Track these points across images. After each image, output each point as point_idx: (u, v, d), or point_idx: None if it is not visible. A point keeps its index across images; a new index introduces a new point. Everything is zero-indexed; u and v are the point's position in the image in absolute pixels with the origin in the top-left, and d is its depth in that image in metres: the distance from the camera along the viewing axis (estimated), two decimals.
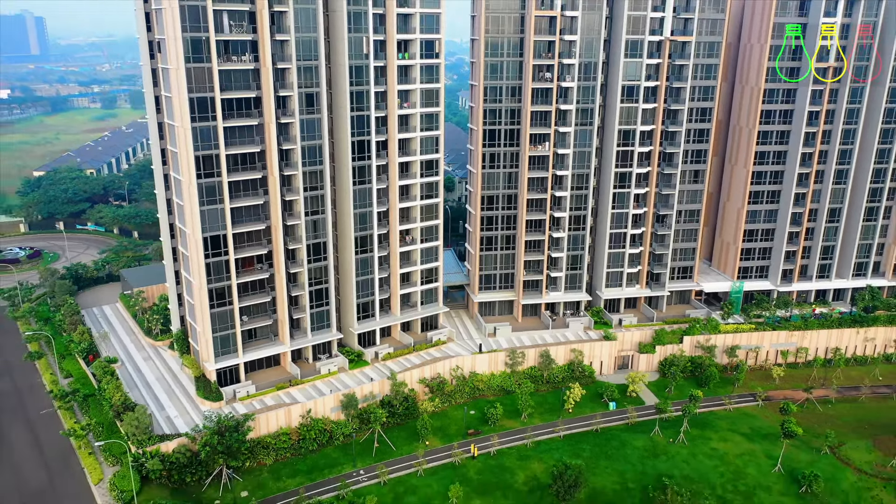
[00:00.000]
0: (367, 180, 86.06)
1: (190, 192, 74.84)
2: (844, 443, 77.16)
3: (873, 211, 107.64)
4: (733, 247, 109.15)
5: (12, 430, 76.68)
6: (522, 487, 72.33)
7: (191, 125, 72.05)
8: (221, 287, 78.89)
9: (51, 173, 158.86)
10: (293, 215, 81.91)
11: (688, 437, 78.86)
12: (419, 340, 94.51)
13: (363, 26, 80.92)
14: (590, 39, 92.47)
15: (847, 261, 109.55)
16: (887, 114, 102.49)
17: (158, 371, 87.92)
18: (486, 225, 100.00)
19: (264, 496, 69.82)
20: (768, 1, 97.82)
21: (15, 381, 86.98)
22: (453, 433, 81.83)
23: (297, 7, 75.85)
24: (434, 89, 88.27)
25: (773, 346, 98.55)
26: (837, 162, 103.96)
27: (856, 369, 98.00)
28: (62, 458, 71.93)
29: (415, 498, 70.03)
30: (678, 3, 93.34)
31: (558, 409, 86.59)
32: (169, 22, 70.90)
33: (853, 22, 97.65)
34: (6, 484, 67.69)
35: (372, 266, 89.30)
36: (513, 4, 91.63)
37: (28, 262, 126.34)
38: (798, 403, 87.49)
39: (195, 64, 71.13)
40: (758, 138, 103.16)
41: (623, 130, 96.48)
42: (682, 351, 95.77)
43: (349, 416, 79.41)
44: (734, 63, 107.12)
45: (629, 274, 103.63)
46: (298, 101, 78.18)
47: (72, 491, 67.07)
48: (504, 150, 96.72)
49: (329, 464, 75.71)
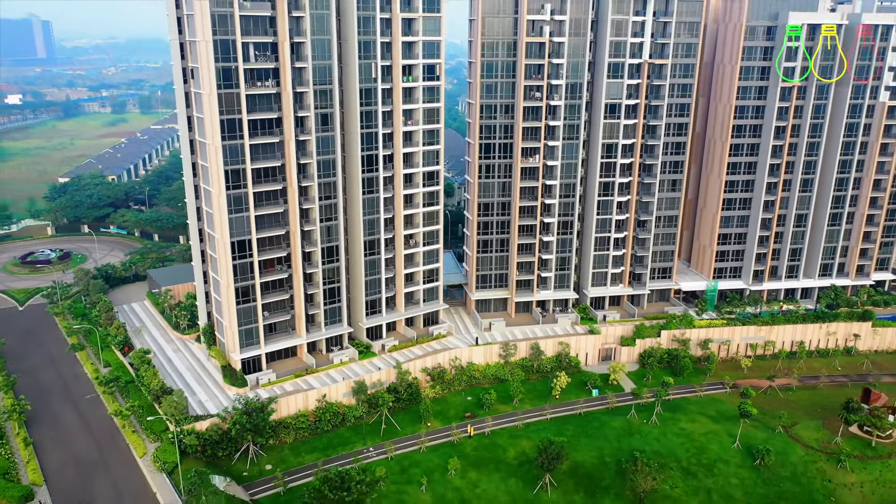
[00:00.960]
0: (375, 190, 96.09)
1: (220, 202, 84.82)
2: (797, 423, 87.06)
3: (837, 216, 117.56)
4: (709, 249, 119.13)
5: (63, 412, 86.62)
6: (513, 461, 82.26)
7: (221, 143, 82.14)
8: (246, 286, 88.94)
9: (75, 179, 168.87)
10: (309, 222, 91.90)
11: (660, 419, 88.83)
12: (421, 334, 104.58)
13: (372, 53, 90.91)
14: (575, 62, 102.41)
15: (814, 262, 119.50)
16: (848, 128, 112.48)
17: (187, 361, 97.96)
18: (482, 230, 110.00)
19: (286, 469, 79.65)
20: (738, 27, 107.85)
21: (60, 371, 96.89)
22: (452, 416, 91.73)
23: (313, 38, 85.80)
24: (435, 108, 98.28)
25: (742, 340, 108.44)
26: (803, 172, 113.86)
27: (818, 361, 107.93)
28: (109, 436, 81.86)
29: (418, 470, 79.91)
30: (656, 30, 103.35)
31: (546, 396, 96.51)
32: (202, 53, 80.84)
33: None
34: (64, 457, 77.66)
35: (379, 267, 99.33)
36: (506, 31, 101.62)
37: (59, 263, 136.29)
38: (762, 391, 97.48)
39: (225, 90, 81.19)
40: (730, 150, 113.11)
41: (606, 144, 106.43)
42: (659, 344, 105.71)
43: (359, 401, 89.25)
44: (710, 80, 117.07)
45: (613, 274, 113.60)
46: (315, 120, 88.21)
47: (120, 463, 77.02)
48: (498, 161, 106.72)
49: (342, 442, 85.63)
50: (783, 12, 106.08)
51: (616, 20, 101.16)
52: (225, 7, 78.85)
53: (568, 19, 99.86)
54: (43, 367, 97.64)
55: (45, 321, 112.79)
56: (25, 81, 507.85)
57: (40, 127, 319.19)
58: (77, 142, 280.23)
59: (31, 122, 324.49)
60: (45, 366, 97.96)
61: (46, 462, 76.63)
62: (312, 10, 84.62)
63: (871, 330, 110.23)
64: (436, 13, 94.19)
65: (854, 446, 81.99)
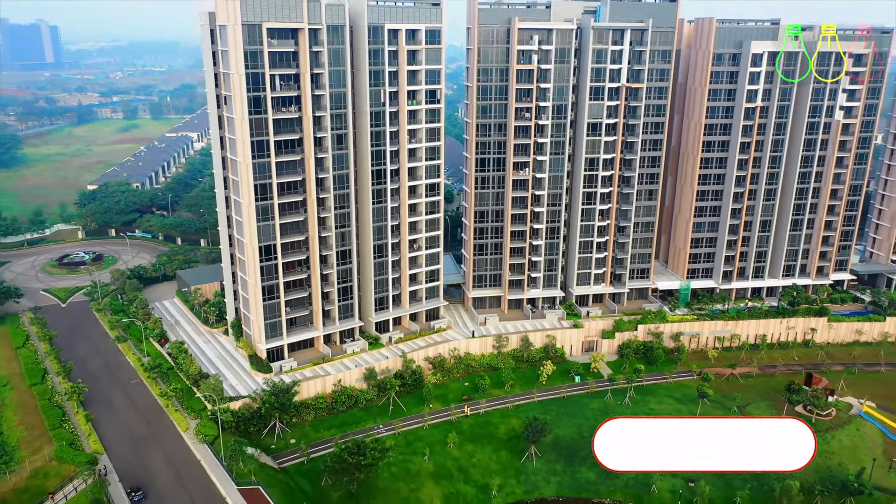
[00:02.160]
0: (383, 200, 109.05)
1: (249, 212, 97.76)
2: (750, 403, 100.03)
3: (798, 222, 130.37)
4: (683, 251, 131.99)
5: (113, 395, 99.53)
6: (503, 437, 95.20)
7: (251, 161, 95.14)
8: (271, 285, 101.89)
9: (103, 187, 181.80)
10: (326, 229, 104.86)
11: (632, 401, 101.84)
12: (424, 328, 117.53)
13: (381, 81, 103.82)
14: (561, 86, 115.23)
15: (777, 263, 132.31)
16: (807, 143, 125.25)
17: (217, 351, 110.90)
18: (478, 235, 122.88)
19: (308, 442, 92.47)
20: (707, 54, 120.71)
21: (106, 360, 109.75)
22: (451, 399, 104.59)
23: (331, 69, 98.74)
24: (436, 128, 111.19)
25: (711, 333, 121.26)
26: (766, 183, 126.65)
27: (778, 352, 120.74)
28: (155, 414, 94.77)
29: (422, 443, 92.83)
30: (632, 57, 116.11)
31: (534, 381, 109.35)
32: (235, 84, 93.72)
33: None
34: (119, 432, 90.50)
35: (386, 268, 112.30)
36: (499, 59, 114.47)
37: (92, 264, 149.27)
38: (725, 377, 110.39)
39: (255, 115, 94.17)
40: (701, 163, 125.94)
41: (589, 159, 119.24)
42: (636, 336, 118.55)
43: (370, 386, 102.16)
44: (684, 100, 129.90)
45: (596, 274, 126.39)
46: (331, 140, 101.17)
47: (167, 436, 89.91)
48: (492, 174, 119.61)
49: (356, 420, 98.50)
50: (747, 42, 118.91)
51: (597, 49, 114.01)
52: (255, 45, 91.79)
53: (554, 49, 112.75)
54: (90, 356, 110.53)
55: (86, 316, 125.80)
56: (36, 86, 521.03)
57: (57, 133, 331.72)
58: (94, 148, 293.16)
59: (47, 128, 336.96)
60: (92, 355, 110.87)
61: (104, 435, 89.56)
62: (330, 45, 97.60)
63: (827, 325, 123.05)
64: (436, 45, 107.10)
65: None
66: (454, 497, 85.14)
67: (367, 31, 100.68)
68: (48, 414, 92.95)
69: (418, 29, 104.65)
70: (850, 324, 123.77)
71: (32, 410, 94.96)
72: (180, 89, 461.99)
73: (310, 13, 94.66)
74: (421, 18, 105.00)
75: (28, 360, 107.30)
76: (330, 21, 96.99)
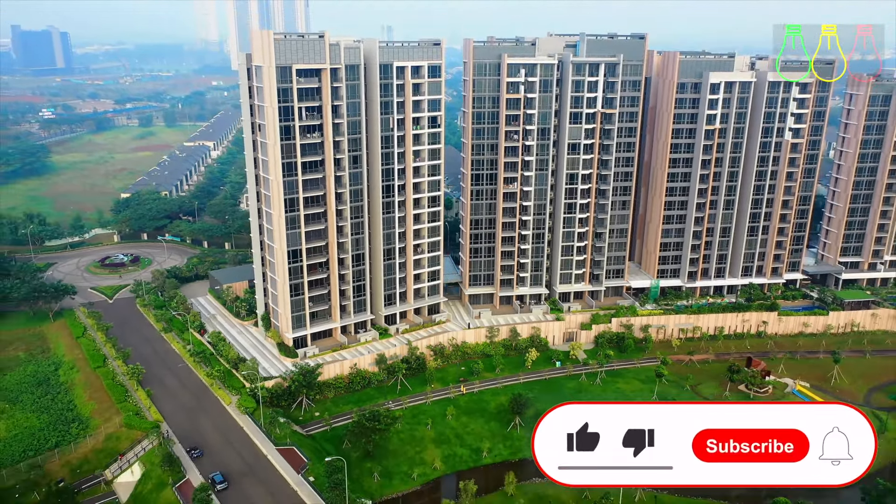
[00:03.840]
0: (392, 211, 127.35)
1: (279, 223, 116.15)
2: (701, 383, 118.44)
3: (754, 229, 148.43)
4: (653, 254, 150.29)
5: (164, 376, 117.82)
6: (493, 411, 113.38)
7: (282, 179, 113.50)
8: (297, 283, 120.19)
9: (136, 195, 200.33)
10: (343, 235, 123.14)
11: (603, 382, 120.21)
12: (426, 320, 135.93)
13: (390, 110, 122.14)
14: (544, 112, 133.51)
15: (736, 265, 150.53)
16: (760, 160, 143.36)
17: (249, 340, 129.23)
18: (473, 240, 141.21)
19: (330, 414, 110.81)
20: (672, 83, 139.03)
21: (154, 348, 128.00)
22: (450, 380, 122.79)
23: (348, 101, 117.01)
24: (437, 148, 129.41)
25: (675, 325, 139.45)
26: (725, 194, 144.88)
27: (733, 342, 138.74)
28: (201, 391, 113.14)
29: (425, 416, 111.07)
30: (606, 87, 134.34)
31: (521, 366, 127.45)
32: (269, 115, 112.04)
33: None
34: (173, 405, 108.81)
35: (394, 269, 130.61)
36: (491, 89, 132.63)
37: (131, 265, 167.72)
38: (685, 363, 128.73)
39: (285, 141, 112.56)
40: (668, 177, 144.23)
41: (569, 174, 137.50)
42: (610, 328, 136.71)
43: (381, 369, 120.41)
44: (653, 121, 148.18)
45: (576, 274, 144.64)
46: (348, 161, 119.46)
47: (214, 409, 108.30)
48: (486, 188, 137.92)
49: (369, 398, 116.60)
50: (706, 73, 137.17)
51: (575, 80, 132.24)
52: (286, 83, 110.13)
53: (538, 80, 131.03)
54: (140, 344, 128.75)
55: (132, 311, 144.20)
56: (50, 92, 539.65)
57: (77, 140, 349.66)
58: (115, 155, 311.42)
59: (68, 135, 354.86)
60: (142, 344, 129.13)
61: (161, 407, 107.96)
62: (347, 81, 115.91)
63: (777, 318, 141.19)
64: (437, 78, 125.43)
65: (738, 398, 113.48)
66: (452, 458, 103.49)
67: (379, 68, 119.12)
68: (113, 391, 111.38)
69: (421, 65, 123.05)
70: (797, 317, 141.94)
71: (99, 388, 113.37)
72: (191, 97, 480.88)
73: (331, 55, 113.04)
74: (424, 56, 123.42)
75: (89, 348, 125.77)
76: (347, 61, 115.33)
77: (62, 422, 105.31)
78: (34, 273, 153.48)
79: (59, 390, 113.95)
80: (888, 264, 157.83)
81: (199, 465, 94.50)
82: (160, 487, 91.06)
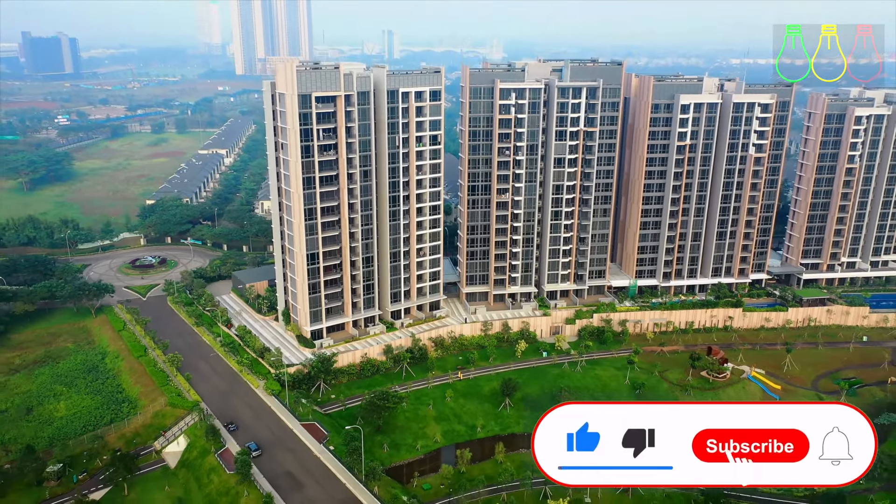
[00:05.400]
0: (397, 218, 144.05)
1: (299, 229, 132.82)
2: (668, 370, 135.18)
3: (723, 234, 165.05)
4: (632, 256, 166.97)
5: (199, 364, 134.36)
6: (487, 393, 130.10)
7: (302, 192, 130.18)
8: (314, 283, 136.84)
9: (160, 202, 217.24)
10: (354, 240, 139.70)
11: (583, 369, 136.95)
12: (428, 315, 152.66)
13: (396, 130, 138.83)
14: (533, 131, 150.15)
15: (707, 266, 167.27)
16: (727, 172, 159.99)
17: (272, 333, 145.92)
18: (470, 243, 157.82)
19: (344, 396, 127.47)
20: (647, 104, 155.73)
21: (187, 340, 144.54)
22: (448, 368, 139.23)
23: (359, 123, 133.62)
24: (437, 163, 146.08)
25: (650, 320, 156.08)
26: (696, 203, 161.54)
27: (702, 335, 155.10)
28: (232, 377, 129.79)
29: (427, 398, 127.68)
30: (588, 108, 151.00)
31: (512, 356, 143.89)
32: (291, 136, 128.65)
33: None
34: (209, 388, 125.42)
35: (399, 270, 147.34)
36: (485, 110, 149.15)
37: (159, 266, 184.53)
38: (657, 353, 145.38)
39: (305, 159, 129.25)
40: (644, 188, 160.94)
41: (556, 185, 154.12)
42: (591, 323, 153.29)
43: (388, 358, 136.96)
44: (631, 137, 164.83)
45: (562, 274, 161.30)
46: (359, 175, 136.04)
47: (244, 391, 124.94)
48: (481, 197, 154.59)
49: (378, 383, 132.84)
50: (677, 95, 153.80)
51: (560, 102, 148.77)
52: (307, 109, 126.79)
53: (527, 102, 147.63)
54: (175, 337, 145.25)
55: (164, 307, 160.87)
56: (62, 98, 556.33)
57: (94, 147, 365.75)
58: (132, 162, 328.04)
59: (86, 142, 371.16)
60: (176, 336, 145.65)
61: (199, 390, 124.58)
62: (359, 105, 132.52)
63: (742, 314, 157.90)
64: (437, 101, 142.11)
65: (699, 382, 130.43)
66: (450, 432, 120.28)
67: (386, 94, 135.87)
68: (156, 376, 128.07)
69: (424, 90, 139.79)
70: (760, 313, 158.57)
71: (143, 374, 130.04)
72: (200, 103, 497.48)
73: (345, 84, 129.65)
74: (426, 83, 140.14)
75: (130, 340, 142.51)
76: (359, 88, 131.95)
77: (114, 402, 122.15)
78: (75, 274, 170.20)
79: (108, 376, 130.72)
80: (845, 265, 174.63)
81: (236, 437, 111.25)
82: (204, 454, 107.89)
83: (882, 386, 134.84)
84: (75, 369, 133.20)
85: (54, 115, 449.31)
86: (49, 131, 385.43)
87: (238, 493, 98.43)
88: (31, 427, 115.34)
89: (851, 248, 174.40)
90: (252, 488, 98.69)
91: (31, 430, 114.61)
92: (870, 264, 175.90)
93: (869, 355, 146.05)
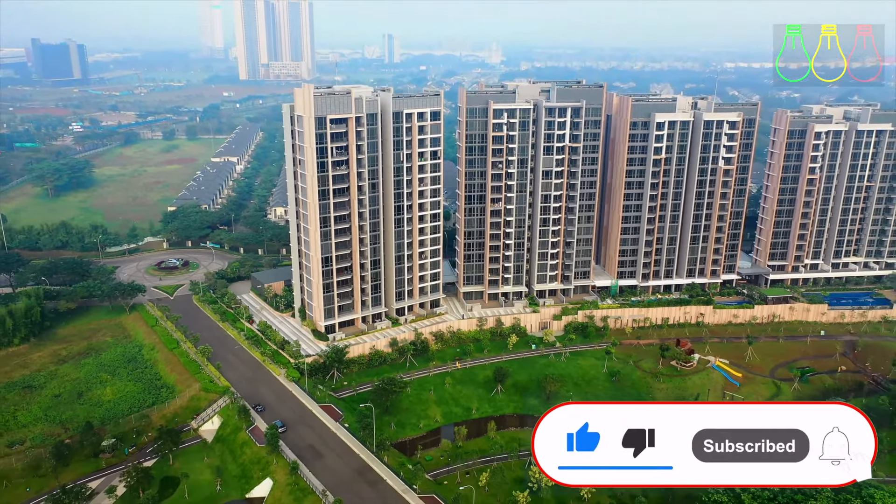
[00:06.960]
0: (402, 225, 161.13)
1: (315, 235, 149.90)
2: (642, 360, 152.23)
3: (696, 238, 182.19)
4: (614, 258, 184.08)
5: (226, 355, 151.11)
6: (481, 381, 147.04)
7: (318, 202, 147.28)
8: (328, 283, 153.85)
9: (181, 208, 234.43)
10: (363, 245, 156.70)
11: (567, 360, 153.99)
12: (429, 312, 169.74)
13: (401, 147, 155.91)
14: (523, 146, 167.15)
15: (682, 267, 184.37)
16: (699, 183, 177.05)
17: (289, 328, 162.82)
18: (467, 247, 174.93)
19: (356, 384, 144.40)
20: (625, 121, 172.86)
21: (214, 335, 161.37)
22: (447, 358, 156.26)
23: (368, 141, 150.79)
24: (437, 175, 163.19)
25: (629, 317, 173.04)
26: (672, 210, 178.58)
27: (676, 330, 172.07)
28: (256, 366, 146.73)
29: (429, 384, 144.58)
30: (573, 125, 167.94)
31: (504, 348, 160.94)
32: (308, 153, 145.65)
33: None
34: (236, 375, 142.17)
35: (403, 271, 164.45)
36: (480, 127, 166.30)
37: (182, 268, 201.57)
38: (634, 346, 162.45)
39: (320, 173, 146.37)
40: (624, 196, 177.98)
41: (544, 195, 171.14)
42: (576, 319, 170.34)
43: (393, 350, 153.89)
44: (613, 150, 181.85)
45: (550, 275, 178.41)
46: (368, 187, 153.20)
47: (268, 378, 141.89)
48: (477, 206, 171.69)
49: (385, 372, 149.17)
50: (653, 113, 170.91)
51: (548, 120, 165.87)
52: (322, 129, 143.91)
53: (518, 121, 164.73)
54: (203, 331, 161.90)
55: (190, 305, 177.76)
56: (72, 105, 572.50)
57: (110, 154, 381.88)
58: (147, 169, 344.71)
59: (100, 149, 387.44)
60: (204, 331, 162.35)
61: (228, 377, 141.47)
62: (368, 126, 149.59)
63: (713, 311, 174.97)
64: (437, 121, 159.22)
65: (669, 371, 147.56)
66: (449, 414, 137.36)
67: (392, 115, 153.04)
68: (189, 366, 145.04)
69: (425, 111, 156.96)
70: (728, 310, 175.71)
71: (177, 364, 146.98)
72: (208, 110, 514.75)
73: (356, 107, 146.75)
74: (427, 104, 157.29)
75: (163, 334, 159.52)
76: (368, 111, 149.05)
77: (153, 388, 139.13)
78: (108, 275, 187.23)
79: (146, 366, 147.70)
80: (808, 267, 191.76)
81: (263, 417, 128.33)
82: (236, 431, 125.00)
83: (832, 374, 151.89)
84: (116, 360, 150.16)
85: (67, 121, 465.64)
86: (65, 138, 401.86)
87: (268, 461, 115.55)
88: (84, 409, 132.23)
89: (814, 251, 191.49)
90: (280, 458, 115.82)
91: (83, 411, 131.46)
92: (831, 266, 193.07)
93: (824, 347, 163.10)
